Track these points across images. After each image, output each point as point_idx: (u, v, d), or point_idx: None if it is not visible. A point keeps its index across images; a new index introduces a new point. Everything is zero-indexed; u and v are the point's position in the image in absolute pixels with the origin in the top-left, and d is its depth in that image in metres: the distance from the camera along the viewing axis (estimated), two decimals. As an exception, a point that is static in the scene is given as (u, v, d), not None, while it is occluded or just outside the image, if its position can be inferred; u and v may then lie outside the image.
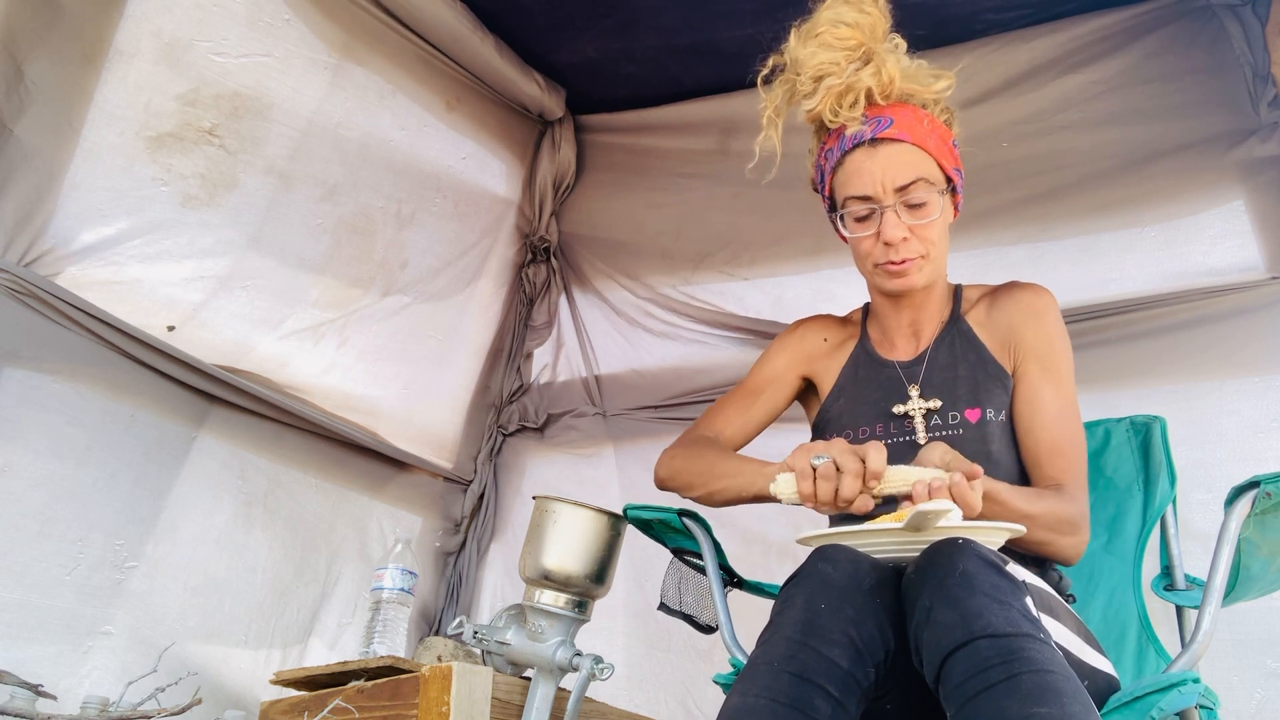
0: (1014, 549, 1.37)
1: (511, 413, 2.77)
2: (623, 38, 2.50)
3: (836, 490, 1.20)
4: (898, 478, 1.21)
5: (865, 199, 1.43)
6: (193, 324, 2.04)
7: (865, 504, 1.20)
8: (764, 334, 2.47)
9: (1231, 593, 1.21)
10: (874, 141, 1.42)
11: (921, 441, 1.45)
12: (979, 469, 1.18)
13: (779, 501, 1.28)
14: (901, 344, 1.57)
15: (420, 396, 2.56)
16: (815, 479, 1.21)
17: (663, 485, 1.62)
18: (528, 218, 2.83)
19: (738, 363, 2.49)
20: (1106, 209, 2.15)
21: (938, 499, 1.14)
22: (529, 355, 2.85)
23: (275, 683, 1.76)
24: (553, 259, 2.87)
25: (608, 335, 2.75)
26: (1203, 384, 1.96)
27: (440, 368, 2.62)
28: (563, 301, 2.86)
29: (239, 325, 2.12)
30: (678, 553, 1.62)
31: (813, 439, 1.65)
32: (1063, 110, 2.23)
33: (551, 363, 2.83)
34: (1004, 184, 2.26)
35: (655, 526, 1.54)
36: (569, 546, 1.62)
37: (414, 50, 2.41)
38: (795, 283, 2.51)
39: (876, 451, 1.20)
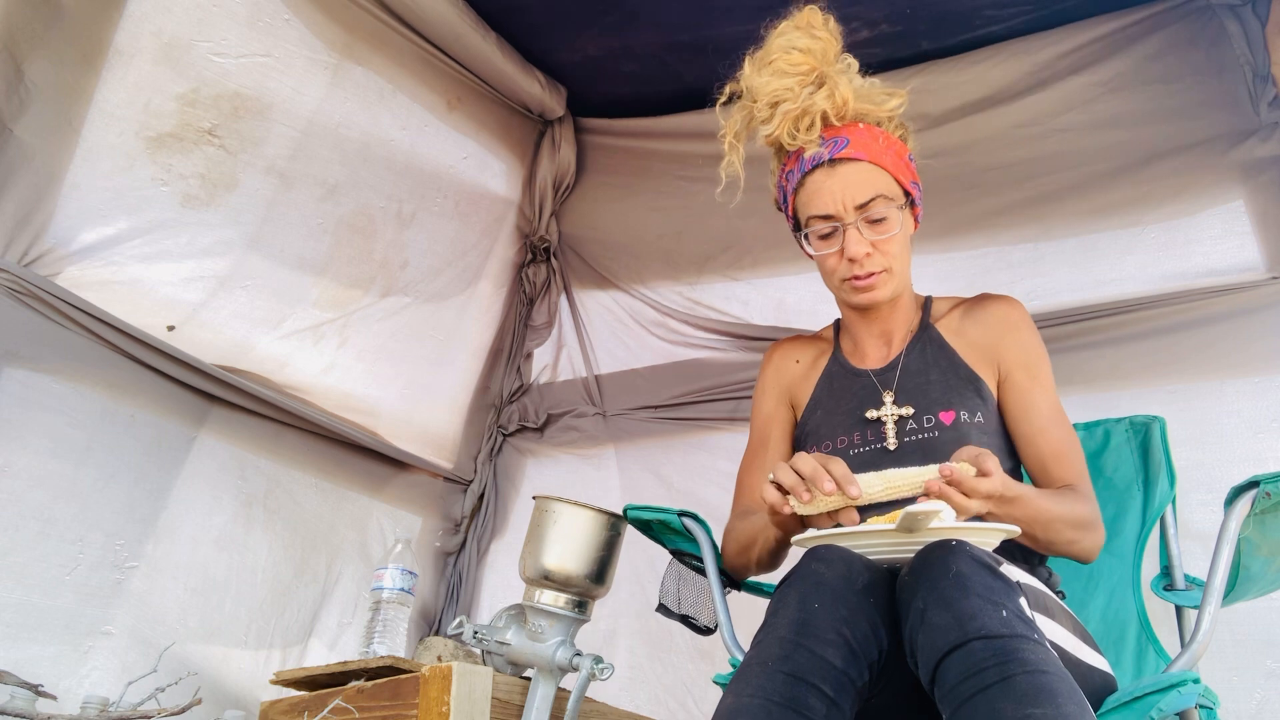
0: (1033, 550, 1.38)
1: (511, 413, 2.77)
2: (623, 35, 2.49)
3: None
4: (897, 481, 1.22)
5: (827, 218, 1.47)
6: (193, 324, 2.04)
7: (852, 516, 1.21)
8: (766, 339, 2.47)
9: (1231, 593, 1.21)
10: (832, 162, 1.46)
11: (892, 447, 1.46)
12: (990, 468, 1.17)
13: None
14: (873, 353, 1.59)
15: (420, 396, 2.56)
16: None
17: (739, 578, 1.60)
18: (528, 218, 2.83)
19: (738, 363, 2.49)
20: (1107, 210, 2.15)
21: (932, 500, 1.15)
22: (529, 355, 2.85)
23: (275, 683, 1.77)
24: (553, 259, 2.87)
25: (608, 335, 2.76)
26: (1203, 384, 1.96)
27: (440, 368, 2.62)
28: (563, 301, 2.86)
29: (239, 325, 2.12)
30: (677, 554, 1.62)
31: (793, 453, 1.65)
32: (1063, 112, 2.23)
33: (552, 363, 2.83)
34: (1005, 185, 2.26)
35: (655, 527, 1.54)
36: (569, 546, 1.62)
37: (415, 49, 2.41)
38: (797, 284, 2.51)
39: (836, 464, 1.21)
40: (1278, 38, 2.01)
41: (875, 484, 1.21)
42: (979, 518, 1.28)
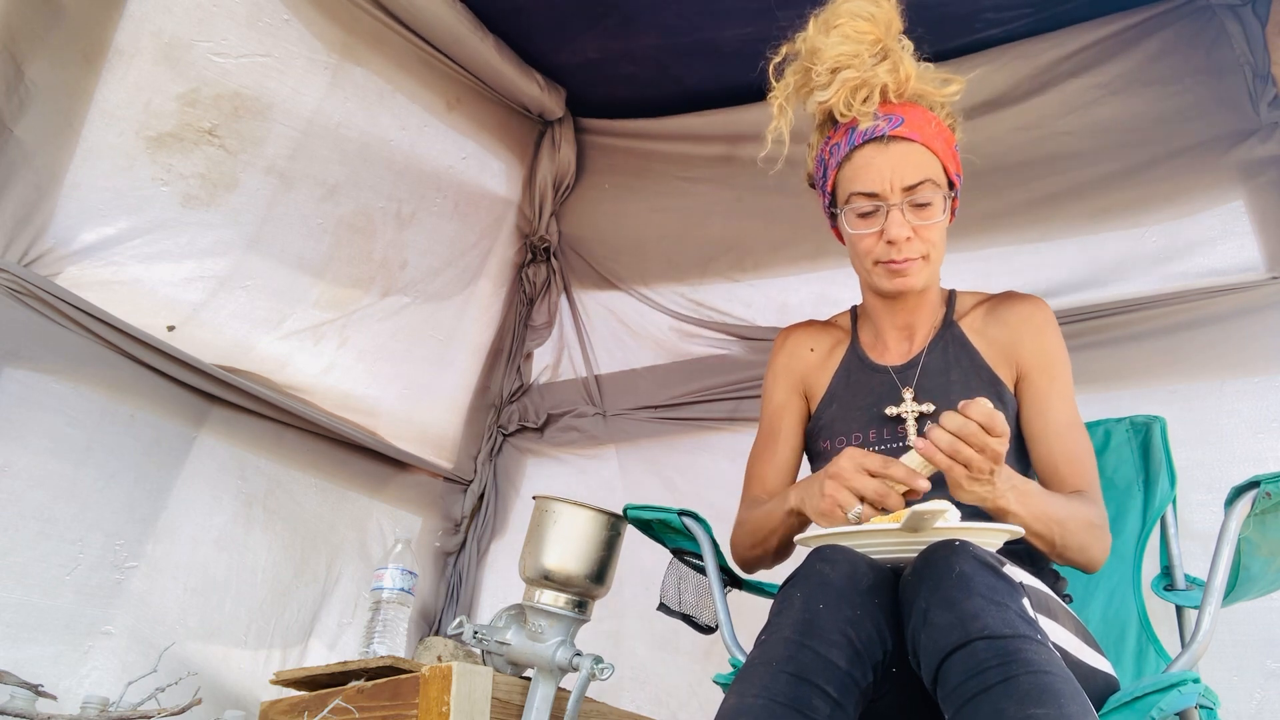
0: (1027, 552, 1.38)
1: (511, 413, 2.77)
2: (622, 37, 2.49)
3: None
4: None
5: (871, 195, 1.43)
6: (193, 324, 2.04)
7: (899, 501, 1.23)
8: (768, 340, 2.46)
9: (1231, 593, 1.21)
10: (886, 139, 1.42)
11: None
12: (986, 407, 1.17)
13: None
14: (894, 347, 1.56)
15: (420, 396, 2.56)
16: (858, 525, 1.22)
17: (747, 572, 1.60)
18: (528, 218, 2.83)
19: (739, 363, 2.49)
20: (1107, 210, 2.15)
21: (938, 500, 1.15)
22: (529, 355, 2.85)
23: (275, 683, 1.76)
24: (553, 259, 2.87)
25: (608, 335, 2.75)
26: (1203, 384, 1.95)
27: (440, 368, 2.62)
28: (563, 301, 2.86)
29: (239, 325, 2.12)
30: (677, 553, 1.62)
31: (805, 447, 1.64)
32: (1064, 115, 2.23)
33: (552, 363, 2.83)
34: (1007, 187, 2.26)
35: (655, 526, 1.54)
36: (569, 546, 1.62)
37: (414, 50, 2.41)
38: (798, 285, 2.51)
39: (885, 464, 1.22)
40: (1278, 38, 2.02)
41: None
42: (986, 516, 1.28)
